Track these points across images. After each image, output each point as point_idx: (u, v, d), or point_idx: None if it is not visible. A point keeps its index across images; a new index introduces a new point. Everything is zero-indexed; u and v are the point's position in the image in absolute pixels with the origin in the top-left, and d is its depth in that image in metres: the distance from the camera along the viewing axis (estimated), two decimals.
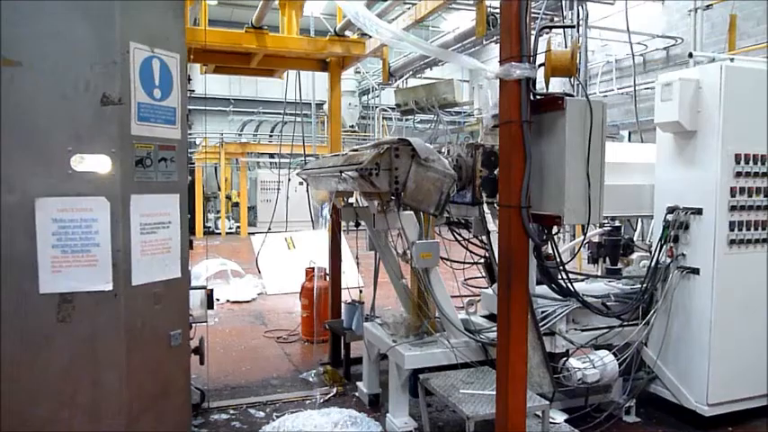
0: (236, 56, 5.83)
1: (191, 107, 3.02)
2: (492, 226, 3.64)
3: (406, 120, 21.89)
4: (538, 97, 2.71)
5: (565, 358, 3.89)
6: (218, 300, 8.13)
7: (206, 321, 3.85)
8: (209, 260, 8.96)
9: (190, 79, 3.44)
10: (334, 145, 6.24)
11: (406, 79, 16.20)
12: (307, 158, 7.71)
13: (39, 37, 2.56)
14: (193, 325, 3.66)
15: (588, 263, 5.06)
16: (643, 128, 6.62)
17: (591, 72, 13.32)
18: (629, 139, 12.68)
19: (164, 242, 2.87)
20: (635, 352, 4.05)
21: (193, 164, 18.24)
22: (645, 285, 4.07)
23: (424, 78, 16.68)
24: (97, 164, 2.65)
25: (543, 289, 3.98)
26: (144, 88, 2.76)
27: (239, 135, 21.66)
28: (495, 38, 7.99)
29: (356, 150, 4.05)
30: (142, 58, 2.75)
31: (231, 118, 22.84)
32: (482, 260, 4.49)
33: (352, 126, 21.06)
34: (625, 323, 4.08)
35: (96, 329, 2.68)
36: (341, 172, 3.63)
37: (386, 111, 21.17)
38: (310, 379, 5.16)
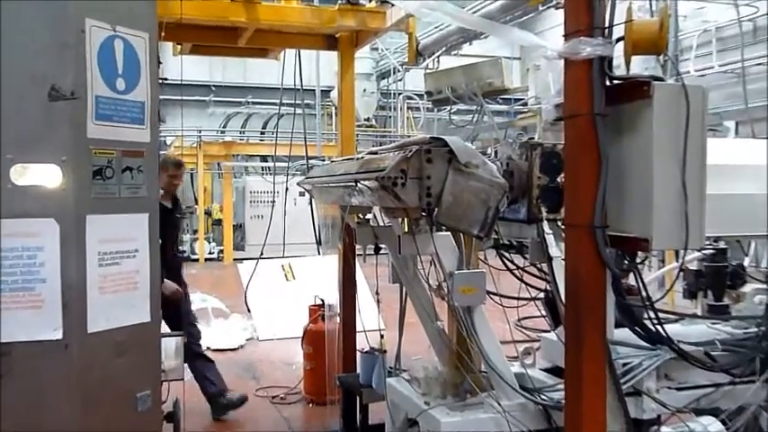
0: (220, 32, 5.93)
1: (161, 97, 3.07)
2: (555, 251, 3.61)
3: (439, 111, 21.93)
4: (615, 82, 2.70)
5: (655, 427, 3.82)
6: None
7: (182, 378, 3.86)
8: None
9: (160, 63, 3.50)
10: (346, 144, 6.29)
11: (439, 58, 16.27)
12: (310, 162, 7.75)
13: None
14: (166, 382, 3.67)
15: (684, 298, 4.98)
16: (754, 117, 6.55)
17: (682, 45, 13.25)
18: (737, 133, 12.53)
19: (129, 276, 2.89)
20: (752, 418, 3.96)
21: None
22: (763, 329, 3.99)
23: (462, 57, 16.73)
24: (44, 176, 2.70)
25: (625, 333, 3.92)
26: (104, 78, 2.81)
27: (222, 132, 21.95)
28: (554, 2, 8.00)
29: (375, 153, 4.07)
30: (101, 40, 2.81)
31: (212, 110, 23.17)
32: (542, 295, 4.45)
33: (368, 119, 21.21)
34: (737, 380, 3.99)
35: (42, 390, 2.71)
36: (356, 181, 3.64)
37: (412, 99, 21.25)
38: None
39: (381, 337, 5.30)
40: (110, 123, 2.84)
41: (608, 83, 2.66)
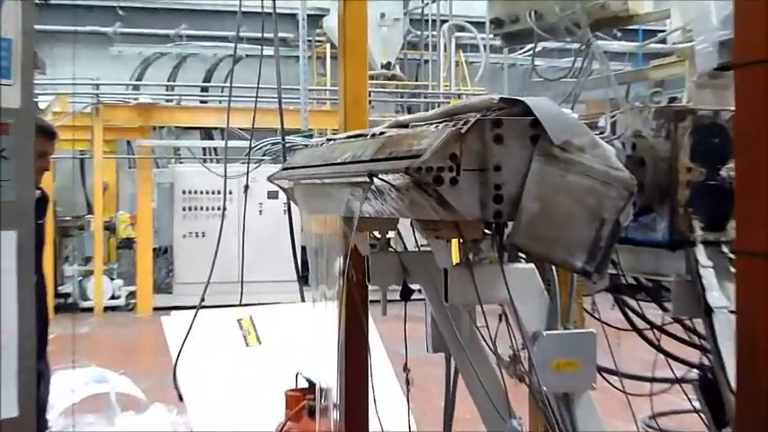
0: None
1: (37, 27, 3.14)
2: (718, 297, 3.62)
3: (514, 52, 21.73)
4: None
5: None
6: None
7: None
8: (73, 371, 9.12)
9: None
10: (352, 110, 6.33)
11: None
12: (288, 141, 7.81)
13: None
14: None
15: None
16: None
17: None
18: None
19: None
20: None
21: None
22: None
23: None
24: None
25: None
26: None
27: (135, 88, 22.07)
28: None
29: (404, 126, 4.11)
30: None
31: (118, 50, 23.37)
32: (694, 375, 4.47)
33: (390, 66, 21.29)
34: None
35: None
36: (370, 175, 3.68)
37: (465, 32, 21.31)
38: None
39: None
40: None
41: None
